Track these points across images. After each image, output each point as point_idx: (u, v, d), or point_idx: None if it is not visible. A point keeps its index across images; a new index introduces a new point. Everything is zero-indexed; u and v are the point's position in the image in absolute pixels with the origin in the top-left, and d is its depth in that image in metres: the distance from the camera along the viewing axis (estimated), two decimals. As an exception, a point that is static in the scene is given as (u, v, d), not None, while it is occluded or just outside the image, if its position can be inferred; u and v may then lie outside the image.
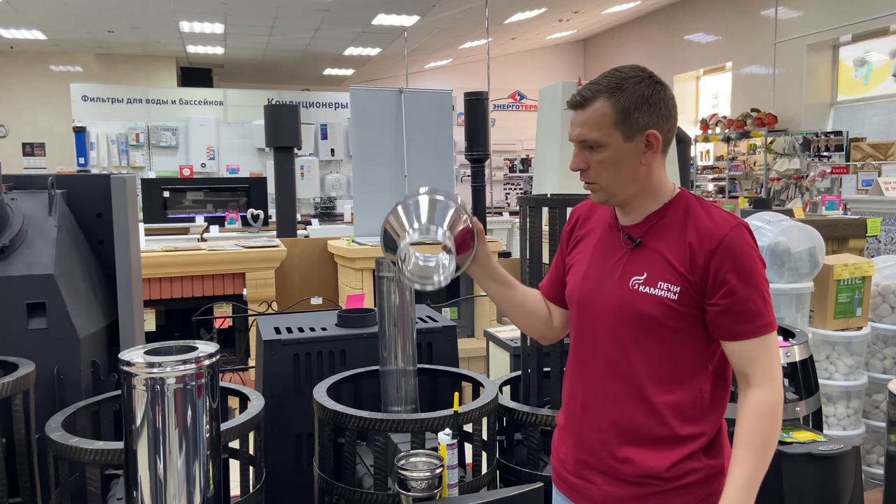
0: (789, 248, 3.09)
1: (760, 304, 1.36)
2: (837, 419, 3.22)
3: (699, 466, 1.42)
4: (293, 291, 5.42)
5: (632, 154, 1.39)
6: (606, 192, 1.43)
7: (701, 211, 1.41)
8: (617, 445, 1.44)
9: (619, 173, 1.40)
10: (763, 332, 1.36)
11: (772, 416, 1.36)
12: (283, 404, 2.56)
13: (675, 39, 13.53)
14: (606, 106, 1.37)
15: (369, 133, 5.35)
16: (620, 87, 1.37)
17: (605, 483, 1.46)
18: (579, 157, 1.43)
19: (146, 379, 1.53)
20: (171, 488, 1.55)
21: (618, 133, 1.37)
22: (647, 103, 1.37)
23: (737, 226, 1.37)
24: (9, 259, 2.41)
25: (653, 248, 1.42)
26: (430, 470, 1.85)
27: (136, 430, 1.54)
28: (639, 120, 1.37)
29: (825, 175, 9.05)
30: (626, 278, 1.42)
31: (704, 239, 1.37)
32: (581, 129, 1.40)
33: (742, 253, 1.35)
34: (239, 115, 11.53)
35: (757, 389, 1.37)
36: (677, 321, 1.39)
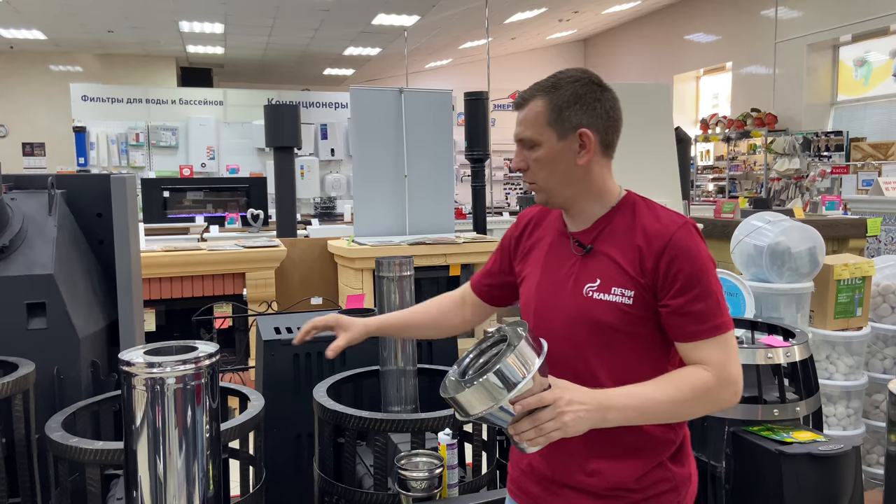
0: (789, 248, 3.09)
1: (712, 304, 1.33)
2: (837, 419, 3.22)
3: (667, 476, 1.41)
4: (293, 291, 5.42)
5: (566, 153, 1.40)
6: (545, 192, 1.44)
7: (647, 212, 1.41)
8: (585, 458, 1.41)
9: (555, 172, 1.41)
10: (716, 332, 1.33)
11: (703, 392, 1.31)
12: (283, 404, 2.56)
13: (675, 39, 13.53)
14: (541, 104, 1.40)
15: (369, 133, 5.35)
16: (556, 86, 1.40)
17: (575, 497, 1.43)
18: (519, 156, 1.45)
19: (146, 379, 1.53)
20: (170, 488, 1.55)
21: (551, 131, 1.39)
22: (580, 102, 1.39)
23: (683, 225, 1.37)
24: (9, 259, 2.41)
25: (603, 254, 1.41)
26: (430, 470, 1.85)
27: (136, 429, 1.54)
28: (571, 118, 1.39)
29: (825, 175, 9.05)
30: (580, 286, 1.41)
31: (652, 240, 1.36)
32: (519, 128, 1.43)
33: (689, 252, 1.34)
34: (239, 115, 11.53)
35: (706, 371, 1.33)
36: (634, 326, 1.37)
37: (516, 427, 1.21)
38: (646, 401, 1.28)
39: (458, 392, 1.21)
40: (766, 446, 2.12)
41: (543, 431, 1.19)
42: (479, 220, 6.69)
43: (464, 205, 9.56)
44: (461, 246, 5.12)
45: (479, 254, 5.17)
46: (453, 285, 5.28)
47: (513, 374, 1.18)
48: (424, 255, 4.93)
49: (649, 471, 1.40)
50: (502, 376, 1.18)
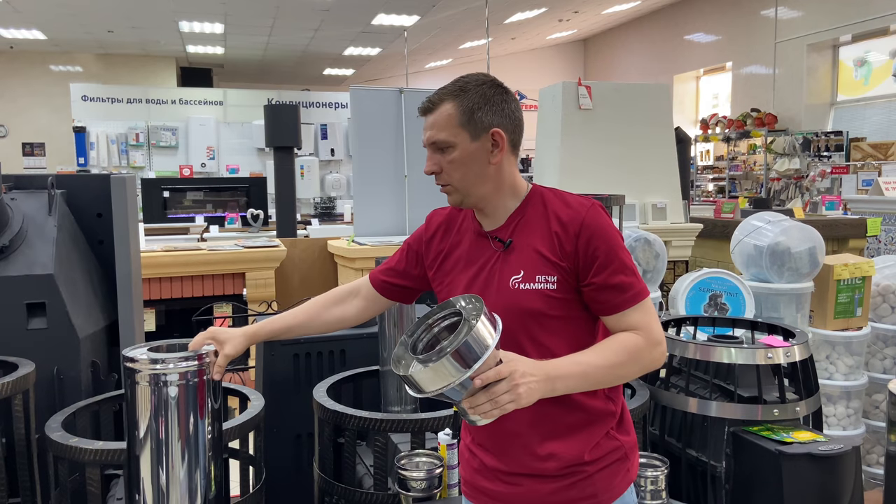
0: (789, 248, 3.09)
1: (629, 274, 1.41)
2: (837, 419, 3.22)
3: (617, 445, 1.47)
4: (293, 291, 5.42)
5: (479, 153, 1.44)
6: (461, 193, 1.48)
7: (557, 200, 1.47)
8: (538, 443, 1.45)
9: (470, 172, 1.45)
10: (637, 300, 1.41)
11: (637, 353, 1.39)
12: (283, 404, 2.56)
13: (675, 39, 13.53)
14: (451, 107, 1.43)
15: (369, 133, 5.35)
16: (464, 89, 1.44)
17: (530, 483, 1.46)
18: (432, 161, 1.48)
19: (149, 375, 1.52)
20: (173, 488, 1.55)
21: (464, 133, 1.43)
22: (490, 103, 1.44)
23: (591, 206, 1.44)
24: (9, 259, 2.41)
25: (523, 245, 1.46)
26: (429, 470, 1.85)
27: (138, 427, 1.54)
28: (483, 119, 1.43)
29: (825, 175, 9.05)
30: (506, 280, 1.46)
31: (567, 225, 1.42)
32: (430, 131, 1.46)
33: (602, 230, 1.41)
34: (239, 115, 11.53)
35: (636, 335, 1.40)
36: (561, 309, 1.43)
37: (472, 401, 1.23)
38: (588, 367, 1.35)
39: (416, 370, 1.22)
40: (766, 446, 2.12)
41: (499, 404, 1.23)
42: (479, 220, 6.67)
43: (464, 205, 9.56)
44: (461, 246, 5.11)
45: (479, 254, 5.17)
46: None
47: (472, 352, 1.19)
48: (424, 255, 4.92)
49: (599, 442, 1.46)
50: (463, 354, 1.19)
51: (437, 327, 1.35)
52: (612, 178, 5.19)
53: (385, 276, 1.70)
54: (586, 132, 5.26)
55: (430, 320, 1.35)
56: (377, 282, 1.72)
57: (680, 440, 2.37)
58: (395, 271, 1.69)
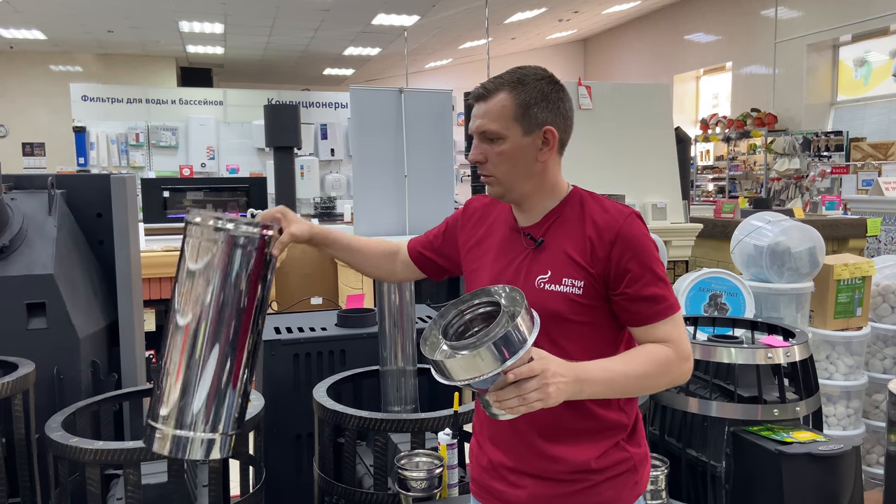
0: (789, 248, 3.09)
1: (662, 287, 1.39)
2: (837, 419, 3.22)
3: (626, 456, 1.45)
4: (293, 291, 5.42)
5: (529, 149, 1.42)
6: (503, 186, 1.45)
7: (595, 205, 1.45)
8: (546, 444, 1.44)
9: (517, 167, 1.43)
10: (669, 313, 1.39)
11: (666, 366, 1.37)
12: (283, 404, 2.56)
13: (675, 39, 13.53)
14: (507, 99, 1.40)
15: (369, 133, 5.35)
16: (522, 81, 1.41)
17: (535, 485, 1.45)
18: (478, 149, 1.45)
19: (212, 230, 1.36)
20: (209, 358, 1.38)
21: (517, 126, 1.40)
22: (547, 100, 1.41)
23: (630, 215, 1.41)
24: (9, 259, 2.41)
25: (554, 246, 1.44)
26: (429, 470, 1.85)
27: (184, 287, 1.38)
28: (538, 115, 1.40)
29: (825, 175, 9.05)
30: (532, 278, 1.44)
31: (602, 231, 1.40)
32: (482, 120, 1.42)
33: (639, 241, 1.39)
34: (239, 115, 11.53)
35: (666, 347, 1.38)
36: (585, 315, 1.41)
37: (500, 394, 1.20)
38: (616, 375, 1.33)
39: (448, 357, 1.19)
40: (766, 446, 2.12)
41: (527, 401, 1.20)
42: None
43: (464, 205, 9.56)
44: (461, 246, 5.11)
45: (479, 254, 5.17)
46: (453, 285, 5.28)
47: (510, 345, 1.17)
48: (424, 255, 4.92)
49: (608, 451, 1.44)
50: (500, 347, 1.16)
51: (471, 314, 1.32)
52: (612, 178, 5.19)
53: (422, 247, 1.69)
54: (586, 132, 5.26)
55: (464, 306, 1.32)
56: (414, 252, 1.70)
57: (680, 440, 2.37)
58: (432, 246, 1.68)
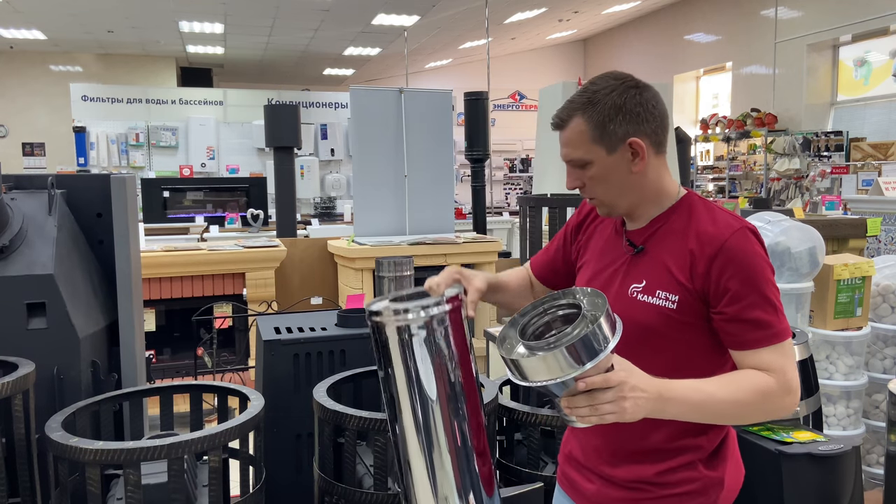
0: (789, 248, 3.09)
1: (770, 311, 1.29)
2: (837, 419, 3.22)
3: (696, 476, 1.39)
4: (293, 291, 5.42)
5: (619, 165, 1.36)
6: (607, 206, 1.43)
7: (705, 215, 1.37)
8: (610, 451, 1.44)
9: (612, 186, 1.38)
10: (774, 340, 1.29)
11: (766, 397, 1.27)
12: (283, 404, 2.56)
13: (675, 39, 13.53)
14: (581, 123, 1.35)
15: (369, 133, 5.35)
16: (592, 101, 1.35)
17: (602, 485, 1.47)
18: (573, 176, 1.42)
19: (412, 323, 1.24)
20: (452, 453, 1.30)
21: (599, 148, 1.35)
22: (622, 112, 1.34)
23: (740, 229, 1.31)
24: (9, 259, 2.41)
25: (654, 255, 1.39)
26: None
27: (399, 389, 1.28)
28: (616, 131, 1.34)
29: (825, 175, 9.05)
30: (626, 286, 1.39)
31: (705, 245, 1.32)
32: (565, 149, 1.40)
33: (745, 257, 1.29)
34: (239, 115, 11.53)
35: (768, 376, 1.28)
36: (678, 331, 1.34)
37: (571, 401, 1.15)
38: (707, 398, 1.24)
39: (523, 356, 1.15)
40: (766, 446, 2.12)
41: (599, 412, 1.14)
42: (479, 220, 6.69)
43: (464, 205, 9.57)
44: (461, 246, 5.12)
45: (479, 254, 5.17)
46: (453, 285, 5.27)
47: (585, 351, 1.11)
48: (424, 255, 4.93)
49: (676, 469, 1.39)
50: (575, 352, 1.11)
51: (551, 315, 1.27)
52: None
53: (543, 265, 1.66)
54: (586, 132, 5.26)
55: (545, 306, 1.27)
56: (537, 272, 1.68)
57: (680, 440, 2.37)
58: (552, 260, 1.64)
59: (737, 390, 1.26)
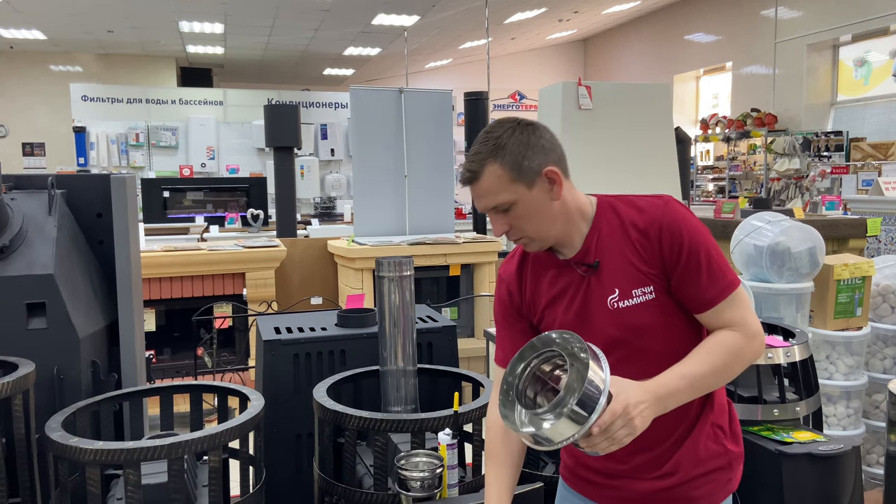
0: (789, 248, 3.09)
1: (716, 267, 1.39)
2: (837, 419, 3.22)
3: (720, 451, 1.48)
4: (293, 291, 5.42)
5: (541, 197, 1.40)
6: (539, 241, 1.45)
7: (629, 208, 1.44)
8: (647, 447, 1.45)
9: (541, 219, 1.42)
10: (728, 291, 1.39)
11: (738, 352, 1.38)
12: (283, 404, 2.56)
13: (675, 39, 13.53)
14: (497, 168, 1.38)
15: (369, 133, 5.35)
16: (499, 146, 1.38)
17: (631, 484, 1.49)
18: (498, 222, 1.43)
19: None
20: None
21: (519, 186, 1.39)
22: (530, 147, 1.39)
23: (665, 204, 1.42)
24: (9, 259, 2.41)
25: (610, 263, 1.43)
26: (430, 470, 1.85)
27: None
28: (531, 166, 1.38)
29: (825, 175, 9.05)
30: (602, 302, 1.43)
31: (646, 231, 1.40)
32: (486, 199, 1.41)
33: (682, 225, 1.39)
34: (239, 115, 11.53)
35: (733, 332, 1.39)
36: (664, 316, 1.42)
37: (590, 441, 1.22)
38: (694, 378, 1.34)
39: (537, 431, 1.20)
40: (766, 446, 2.12)
41: (616, 440, 1.22)
42: (479, 220, 6.69)
43: (464, 205, 9.57)
44: (461, 246, 5.12)
45: (479, 254, 5.17)
46: (453, 285, 5.28)
47: (592, 399, 1.17)
48: (424, 255, 4.92)
49: (704, 448, 1.47)
50: (584, 405, 1.17)
51: (537, 369, 1.31)
52: (612, 178, 5.19)
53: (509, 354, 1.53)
54: (586, 132, 5.26)
55: (527, 362, 1.31)
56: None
57: (680, 440, 2.37)
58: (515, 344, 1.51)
59: (715, 358, 1.37)
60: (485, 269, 5.19)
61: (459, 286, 5.25)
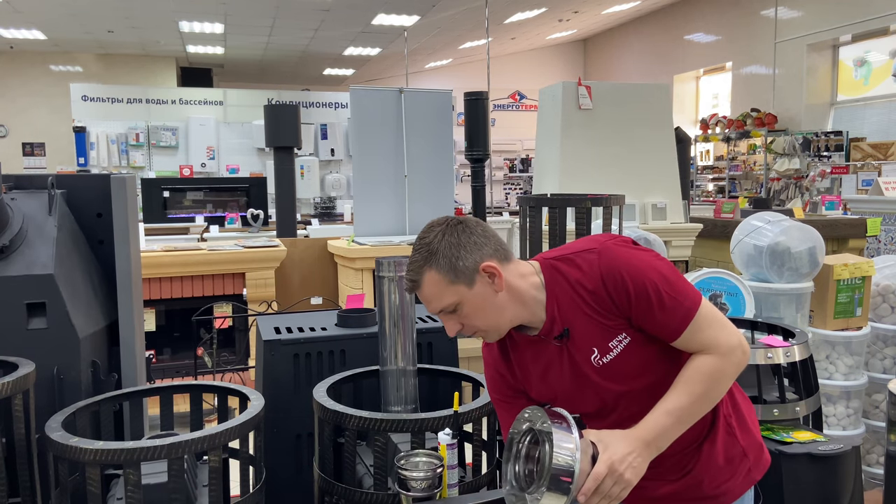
0: (789, 248, 3.09)
1: (669, 296, 1.37)
2: (837, 419, 3.22)
3: (733, 442, 1.51)
4: (293, 291, 5.42)
5: (484, 292, 1.41)
6: (493, 331, 1.46)
7: (569, 268, 1.43)
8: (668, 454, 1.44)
9: (488, 312, 1.42)
10: (690, 317, 1.37)
11: (717, 373, 1.38)
12: (283, 404, 2.56)
13: (675, 39, 13.53)
14: (434, 275, 1.40)
15: (369, 133, 5.35)
16: (432, 251, 1.40)
17: (659, 485, 1.51)
18: (450, 323, 1.45)
19: None
20: None
21: (459, 287, 1.39)
22: (461, 247, 1.39)
23: (599, 253, 1.40)
24: (9, 259, 2.41)
25: (577, 328, 1.43)
26: (430, 470, 1.85)
27: None
28: (467, 266, 1.39)
29: (825, 175, 9.05)
30: (586, 364, 1.43)
31: (591, 288, 1.39)
32: (432, 304, 1.43)
33: (620, 268, 1.37)
34: (239, 115, 11.53)
35: (707, 356, 1.39)
36: (649, 352, 1.42)
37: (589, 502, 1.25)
38: (679, 411, 1.35)
39: None
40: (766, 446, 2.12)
41: (612, 497, 1.25)
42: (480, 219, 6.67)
43: (464, 205, 9.57)
44: (461, 246, 5.11)
45: (479, 254, 5.17)
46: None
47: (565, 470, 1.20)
48: (424, 255, 4.92)
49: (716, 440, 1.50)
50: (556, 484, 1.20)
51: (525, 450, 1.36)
52: (612, 178, 5.19)
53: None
54: (586, 132, 5.26)
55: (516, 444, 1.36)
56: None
57: (680, 440, 2.37)
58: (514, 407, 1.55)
59: (695, 386, 1.37)
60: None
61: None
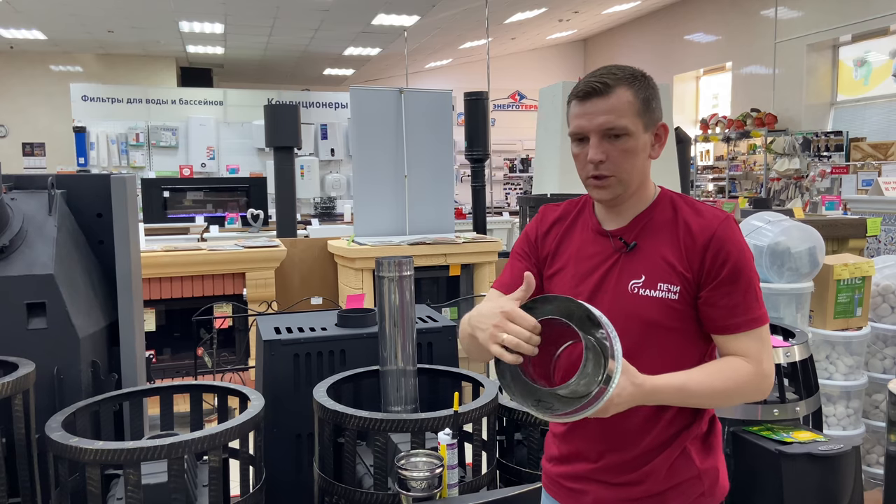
0: (789, 248, 3.09)
1: (751, 296, 1.35)
2: (837, 419, 3.22)
3: (689, 464, 1.41)
4: (293, 291, 5.42)
5: (646, 145, 1.38)
6: (622, 185, 1.38)
7: (688, 208, 1.40)
8: (619, 447, 1.42)
9: (636, 165, 1.37)
10: (755, 325, 1.35)
11: (744, 383, 1.33)
12: (283, 404, 2.56)
13: (675, 39, 13.53)
14: (630, 94, 1.35)
15: (369, 133, 5.35)
16: (635, 76, 1.37)
17: (599, 489, 1.43)
18: (599, 148, 1.35)
19: None
20: None
21: (640, 122, 1.36)
22: (657, 97, 1.39)
23: (725, 219, 1.37)
24: (9, 259, 2.41)
25: (648, 250, 1.39)
26: (430, 470, 1.85)
27: None
28: (655, 111, 1.38)
29: (825, 175, 9.05)
30: (623, 283, 1.38)
31: (696, 235, 1.36)
32: (606, 116, 1.34)
33: (734, 246, 1.34)
34: (239, 115, 11.53)
35: (745, 363, 1.35)
36: (678, 321, 1.37)
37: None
38: (689, 392, 1.30)
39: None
40: (766, 446, 2.12)
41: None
42: (479, 220, 6.69)
43: (464, 205, 9.57)
44: (461, 246, 5.12)
45: (479, 254, 5.17)
46: (453, 285, 5.28)
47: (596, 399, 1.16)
48: (424, 255, 4.92)
49: (676, 459, 1.40)
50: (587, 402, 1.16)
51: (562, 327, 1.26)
52: (612, 178, 5.19)
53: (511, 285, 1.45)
54: (586, 132, 5.26)
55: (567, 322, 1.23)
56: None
57: (680, 440, 2.37)
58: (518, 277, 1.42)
59: (716, 381, 1.32)
60: (485, 269, 5.19)
61: (459, 286, 5.25)
